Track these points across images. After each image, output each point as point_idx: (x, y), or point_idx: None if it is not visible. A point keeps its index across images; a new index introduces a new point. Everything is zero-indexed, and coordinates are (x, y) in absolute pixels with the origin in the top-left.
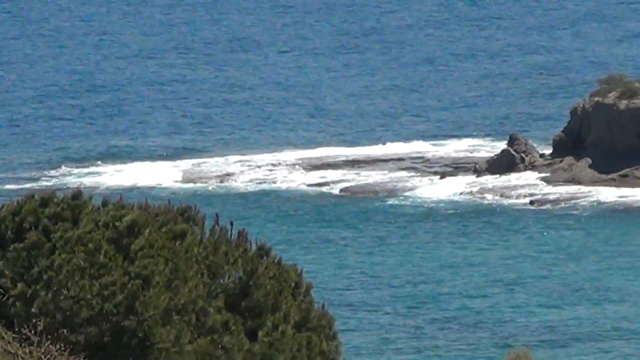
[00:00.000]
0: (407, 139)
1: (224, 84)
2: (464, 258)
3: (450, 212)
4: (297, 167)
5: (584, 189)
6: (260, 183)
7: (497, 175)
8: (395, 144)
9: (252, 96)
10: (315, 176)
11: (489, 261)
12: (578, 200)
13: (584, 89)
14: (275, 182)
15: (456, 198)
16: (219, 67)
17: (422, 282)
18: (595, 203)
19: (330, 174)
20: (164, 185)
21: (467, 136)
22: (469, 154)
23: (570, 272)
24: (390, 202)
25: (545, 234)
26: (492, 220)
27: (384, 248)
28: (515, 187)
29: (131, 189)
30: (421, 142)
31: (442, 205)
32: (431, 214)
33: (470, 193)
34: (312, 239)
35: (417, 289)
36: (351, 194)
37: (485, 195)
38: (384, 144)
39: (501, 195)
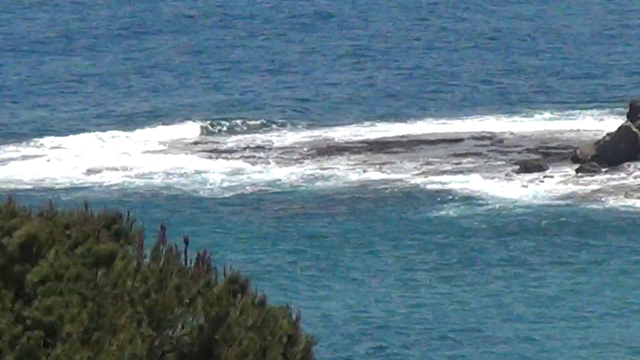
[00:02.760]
0: (465, 112)
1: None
2: (563, 296)
3: (536, 225)
4: (292, 152)
5: None
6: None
7: (610, 167)
8: (448, 120)
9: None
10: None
11: (593, 298)
12: None
13: None
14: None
15: (545, 202)
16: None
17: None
18: None
19: (332, 163)
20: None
21: (560, 104)
22: (564, 134)
23: None
24: (431, 214)
25: None
26: (604, 237)
27: (423, 283)
28: None
29: (29, 185)
30: (489, 117)
31: (521, 214)
32: (505, 229)
33: (568, 195)
34: (314, 263)
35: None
36: (374, 194)
37: (593, 198)
38: (425, 119)
39: (617, 196)
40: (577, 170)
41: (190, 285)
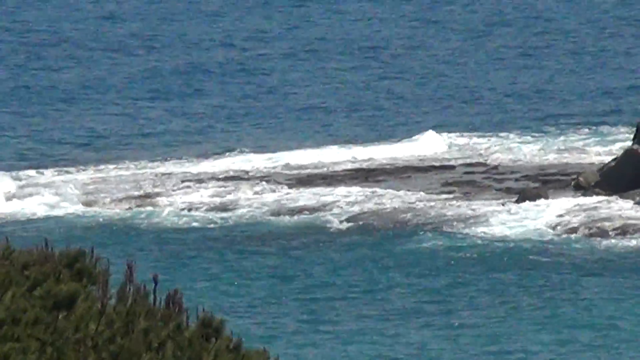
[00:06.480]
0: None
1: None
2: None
3: (539, 262)
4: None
5: None
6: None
7: (617, 196)
8: (428, 136)
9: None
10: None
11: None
12: None
13: None
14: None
15: (549, 237)
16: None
17: None
18: None
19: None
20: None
21: (564, 126)
22: (566, 159)
23: None
24: (426, 243)
25: None
26: (604, 272)
27: (413, 323)
28: None
29: None
30: (474, 137)
31: (522, 248)
32: (504, 266)
33: (572, 228)
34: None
35: None
36: (359, 227)
37: (601, 231)
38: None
39: (622, 234)
40: (580, 197)
41: (160, 329)
